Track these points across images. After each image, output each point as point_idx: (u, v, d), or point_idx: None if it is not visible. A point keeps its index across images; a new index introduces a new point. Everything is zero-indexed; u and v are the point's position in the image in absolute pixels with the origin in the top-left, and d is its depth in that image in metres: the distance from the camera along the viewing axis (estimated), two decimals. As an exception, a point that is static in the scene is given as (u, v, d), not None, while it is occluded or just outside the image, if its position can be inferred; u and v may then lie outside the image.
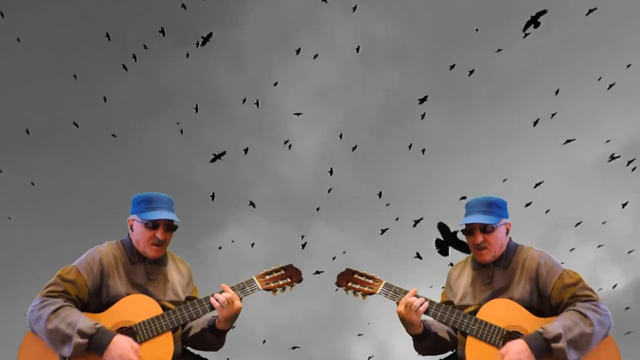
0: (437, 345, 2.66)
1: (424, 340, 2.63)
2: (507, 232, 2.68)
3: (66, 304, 2.44)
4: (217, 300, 2.56)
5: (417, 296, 2.60)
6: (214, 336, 2.63)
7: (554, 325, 2.42)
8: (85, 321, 2.40)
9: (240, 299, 2.62)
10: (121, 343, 2.41)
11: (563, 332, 2.39)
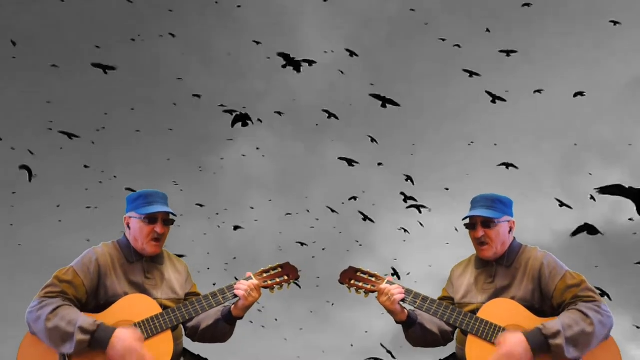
0: (424, 336, 2.77)
1: (409, 329, 2.75)
2: (511, 231, 2.76)
3: (64, 303, 2.51)
4: (240, 288, 2.66)
5: (392, 283, 2.72)
6: (228, 325, 2.74)
7: (554, 322, 2.51)
8: (85, 318, 2.48)
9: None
10: (124, 335, 2.48)
11: (562, 329, 2.47)
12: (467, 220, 2.73)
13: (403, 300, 2.68)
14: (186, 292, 2.78)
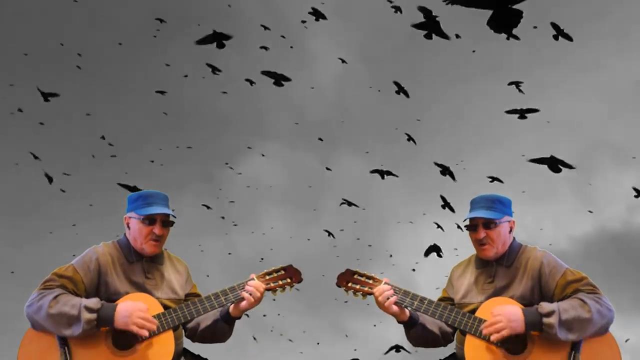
0: (425, 336, 2.78)
1: (411, 329, 2.76)
2: (511, 231, 2.77)
3: (64, 292, 2.56)
4: (248, 290, 2.68)
5: (391, 285, 2.71)
6: (226, 325, 2.76)
7: (551, 304, 2.55)
8: (89, 299, 2.53)
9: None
10: (126, 305, 2.54)
11: (557, 311, 2.50)
12: (468, 222, 2.74)
13: (401, 301, 2.68)
14: (186, 293, 2.81)
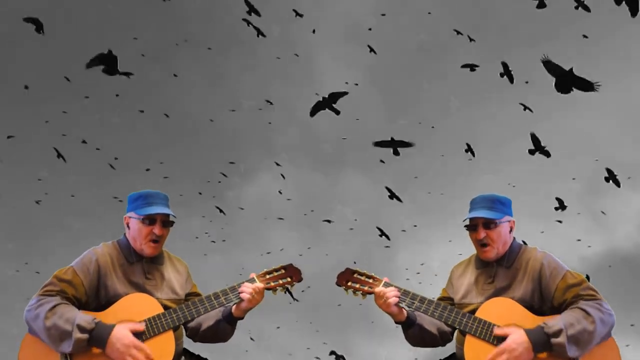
0: (423, 337, 2.78)
1: (408, 329, 2.77)
2: (511, 231, 2.77)
3: (63, 302, 2.55)
4: (245, 291, 2.67)
5: (391, 285, 2.71)
6: (228, 326, 2.76)
7: (556, 321, 2.53)
8: (83, 316, 2.51)
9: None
10: (122, 333, 2.51)
11: (564, 328, 2.49)
12: (467, 222, 2.74)
13: (400, 301, 2.68)
14: (186, 293, 2.81)
